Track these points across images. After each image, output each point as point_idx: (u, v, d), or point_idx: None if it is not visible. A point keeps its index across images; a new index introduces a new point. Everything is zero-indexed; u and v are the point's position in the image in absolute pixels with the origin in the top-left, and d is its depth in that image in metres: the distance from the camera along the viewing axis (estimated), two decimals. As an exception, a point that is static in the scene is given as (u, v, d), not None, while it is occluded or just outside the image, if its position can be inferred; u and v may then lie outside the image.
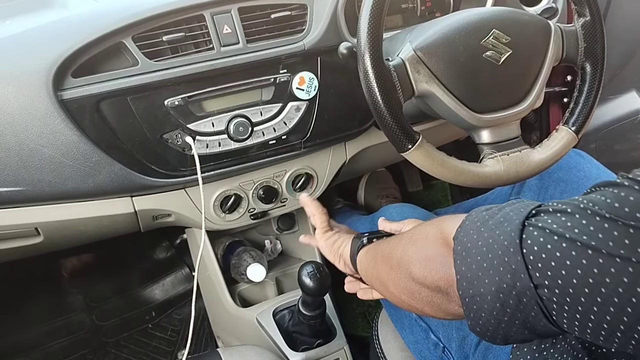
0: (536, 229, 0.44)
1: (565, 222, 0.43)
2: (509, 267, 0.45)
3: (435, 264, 0.55)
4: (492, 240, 0.47)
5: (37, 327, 1.41)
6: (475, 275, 0.48)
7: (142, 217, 0.96)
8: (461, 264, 0.49)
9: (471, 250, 0.49)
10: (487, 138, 0.81)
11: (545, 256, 0.43)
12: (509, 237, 0.46)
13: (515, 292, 0.45)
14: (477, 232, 0.50)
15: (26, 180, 0.82)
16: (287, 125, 0.93)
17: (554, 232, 0.43)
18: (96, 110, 0.81)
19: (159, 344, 1.42)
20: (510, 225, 0.47)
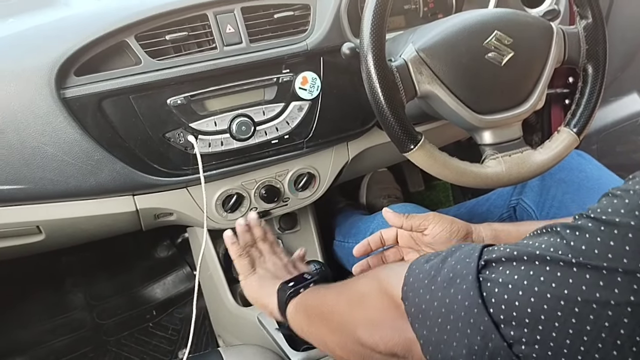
0: (496, 285, 0.42)
1: (525, 272, 0.41)
2: (476, 328, 0.43)
3: (386, 329, 0.52)
4: (449, 301, 0.45)
5: (38, 325, 1.41)
6: (441, 339, 0.45)
7: (144, 216, 0.97)
8: (421, 328, 0.47)
9: (428, 312, 0.46)
10: (489, 139, 0.81)
11: (516, 314, 0.40)
12: (468, 297, 0.43)
13: (488, 353, 0.42)
14: (427, 291, 0.47)
15: (28, 178, 0.82)
16: (289, 125, 0.93)
17: (517, 287, 0.41)
18: (98, 108, 0.81)
19: (160, 343, 1.42)
20: (464, 282, 0.44)
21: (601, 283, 0.37)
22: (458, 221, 0.75)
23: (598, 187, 0.89)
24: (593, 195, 0.88)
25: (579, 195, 0.90)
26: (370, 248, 0.79)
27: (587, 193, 0.89)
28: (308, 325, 0.66)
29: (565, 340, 0.39)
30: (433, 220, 0.74)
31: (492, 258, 0.44)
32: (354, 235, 1.13)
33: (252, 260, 0.86)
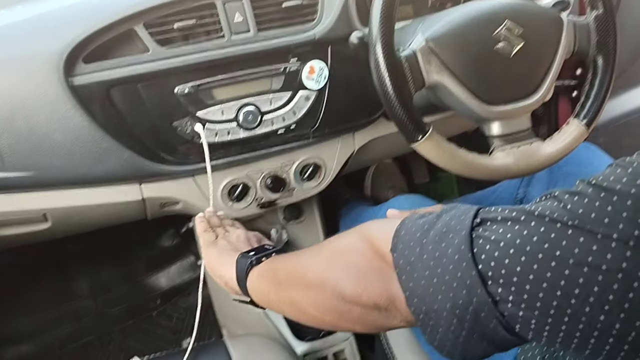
0: (488, 242, 0.42)
1: (519, 231, 0.41)
2: (462, 282, 0.42)
3: (370, 279, 0.50)
4: (439, 254, 0.44)
5: (42, 313, 1.42)
6: (426, 292, 0.45)
7: (150, 205, 0.97)
8: (407, 280, 0.46)
9: (416, 264, 0.46)
10: (498, 130, 0.81)
11: (505, 272, 0.40)
12: (459, 251, 0.43)
13: (472, 308, 0.42)
14: (418, 243, 0.46)
15: (35, 165, 0.82)
16: (296, 115, 0.93)
17: (509, 245, 0.40)
18: (107, 96, 0.81)
19: (164, 332, 1.43)
20: (457, 237, 0.44)
21: (594, 247, 0.37)
22: None
23: (605, 180, 0.89)
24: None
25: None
26: None
27: (594, 186, 0.89)
28: (276, 290, 0.62)
29: (552, 302, 0.39)
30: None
31: (488, 217, 0.44)
32: (359, 227, 1.13)
33: (216, 235, 0.84)
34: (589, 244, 0.37)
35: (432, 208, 0.76)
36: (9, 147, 0.80)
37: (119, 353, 1.39)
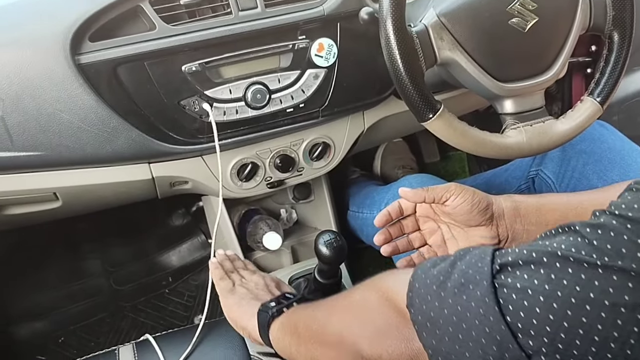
0: (513, 291, 0.39)
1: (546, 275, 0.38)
2: (492, 338, 0.40)
3: (390, 339, 0.49)
4: (461, 308, 0.42)
5: (55, 291, 1.44)
6: (452, 349, 0.42)
7: (160, 184, 0.97)
8: (429, 337, 0.44)
9: (437, 320, 0.43)
10: (510, 108, 0.80)
11: (536, 322, 0.38)
12: (483, 304, 0.40)
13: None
14: (435, 297, 0.44)
15: (45, 145, 0.82)
16: (305, 93, 0.92)
17: (537, 292, 0.38)
18: (114, 75, 0.80)
19: (176, 309, 1.44)
20: (478, 288, 0.41)
21: (630, 285, 0.35)
22: (479, 192, 0.73)
23: (620, 159, 0.88)
24: (615, 167, 0.86)
25: (600, 167, 0.88)
26: (391, 218, 0.78)
27: (608, 165, 0.87)
28: (297, 345, 0.62)
29: (591, 348, 0.36)
30: (455, 191, 0.73)
31: (508, 261, 0.41)
32: (369, 206, 1.12)
33: (233, 282, 0.84)
34: (623, 282, 0.35)
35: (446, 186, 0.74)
36: (17, 126, 0.79)
37: (132, 330, 1.41)
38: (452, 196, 0.73)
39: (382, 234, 0.78)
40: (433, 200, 0.74)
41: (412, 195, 0.75)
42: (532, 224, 0.73)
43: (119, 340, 1.39)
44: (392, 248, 0.78)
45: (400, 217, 0.80)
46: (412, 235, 0.80)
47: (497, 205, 0.73)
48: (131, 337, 1.39)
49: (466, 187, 0.73)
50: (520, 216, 0.73)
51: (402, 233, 0.80)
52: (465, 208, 0.72)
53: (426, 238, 0.79)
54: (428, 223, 0.79)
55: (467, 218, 0.73)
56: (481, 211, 0.72)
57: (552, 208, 0.73)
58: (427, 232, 0.79)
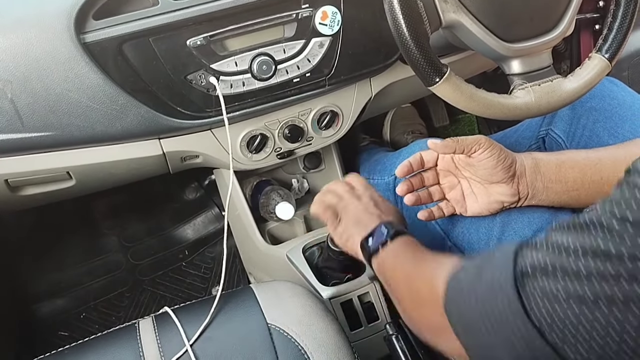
0: (537, 298, 0.42)
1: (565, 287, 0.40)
2: (521, 337, 0.43)
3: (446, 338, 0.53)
4: (491, 314, 0.45)
5: (74, 268, 1.47)
6: (487, 347, 0.46)
7: (171, 159, 0.98)
8: (466, 337, 0.48)
9: (471, 325, 0.47)
10: (518, 68, 0.79)
11: (559, 321, 0.40)
12: (510, 311, 0.43)
13: (535, 356, 0.43)
14: (467, 306, 0.48)
15: (55, 125, 0.83)
16: (310, 63, 0.91)
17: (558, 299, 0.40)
18: (119, 52, 0.81)
19: (193, 281, 1.47)
20: (504, 296, 0.44)
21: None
22: (506, 150, 0.74)
23: (631, 114, 0.87)
24: (625, 123, 0.86)
25: (611, 124, 0.87)
26: (412, 169, 0.79)
27: (619, 121, 0.87)
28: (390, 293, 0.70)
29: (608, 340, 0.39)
30: (485, 144, 0.73)
31: (528, 269, 0.43)
32: (380, 172, 1.12)
33: (334, 209, 0.84)
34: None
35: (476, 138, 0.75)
36: (27, 107, 0.80)
37: (151, 303, 1.44)
38: (480, 149, 0.73)
39: (404, 184, 0.79)
40: (462, 151, 0.75)
41: (442, 147, 0.76)
42: (552, 182, 0.74)
43: (139, 313, 1.42)
44: (415, 198, 0.79)
45: (421, 169, 0.80)
46: (432, 188, 0.81)
47: (519, 163, 0.74)
48: (151, 310, 1.42)
49: (495, 143, 0.74)
50: (541, 173, 0.73)
51: (423, 185, 0.81)
52: (491, 163, 0.73)
53: (445, 192, 0.81)
54: (448, 177, 0.80)
55: (490, 174, 0.73)
56: (505, 168, 0.73)
57: (571, 165, 0.73)
58: (446, 187, 0.80)
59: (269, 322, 0.80)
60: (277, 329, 0.79)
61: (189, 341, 0.78)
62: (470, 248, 0.80)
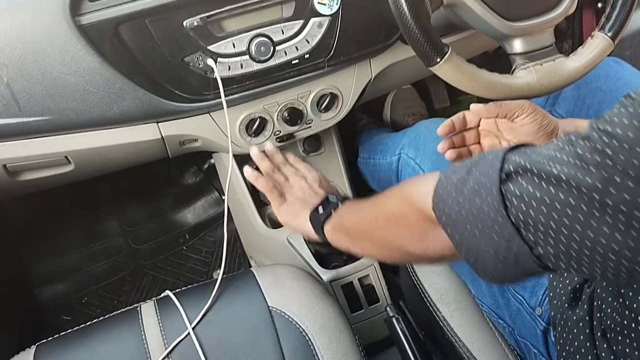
0: (516, 198, 0.44)
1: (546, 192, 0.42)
2: (502, 234, 0.46)
3: (429, 239, 0.56)
4: (476, 211, 0.47)
5: (75, 253, 1.47)
6: (471, 242, 0.49)
7: (169, 143, 0.97)
8: (453, 233, 0.50)
9: (457, 221, 0.49)
10: (520, 47, 0.78)
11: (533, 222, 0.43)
12: (493, 209, 0.46)
13: (513, 253, 0.46)
14: (455, 202, 0.50)
15: (52, 109, 0.82)
16: (309, 44, 0.90)
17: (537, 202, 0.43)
18: (115, 34, 0.80)
19: (195, 265, 1.47)
20: (488, 195, 0.46)
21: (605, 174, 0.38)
22: (549, 115, 0.75)
23: (638, 95, 0.86)
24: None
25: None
26: (454, 128, 0.80)
27: (625, 101, 0.86)
28: (352, 243, 0.71)
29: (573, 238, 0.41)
30: (528, 109, 0.74)
31: (515, 169, 0.45)
32: (381, 152, 1.12)
33: (280, 187, 0.88)
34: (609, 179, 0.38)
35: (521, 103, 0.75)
36: (23, 92, 0.79)
37: (153, 287, 1.44)
38: (524, 114, 0.74)
39: (446, 141, 0.81)
40: (505, 115, 0.76)
41: (485, 110, 0.78)
42: None
43: (140, 297, 1.43)
44: (457, 154, 0.80)
45: (463, 129, 0.81)
46: (473, 146, 0.82)
47: (561, 129, 0.75)
48: (152, 294, 1.43)
49: (539, 108, 0.74)
50: None
51: (464, 144, 0.82)
52: (533, 128, 0.74)
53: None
54: (489, 137, 0.81)
55: (532, 139, 0.75)
56: (547, 133, 0.74)
57: None
58: (487, 147, 0.81)
59: (270, 305, 0.80)
60: (278, 312, 0.79)
61: (190, 324, 0.78)
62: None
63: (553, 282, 0.68)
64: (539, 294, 0.70)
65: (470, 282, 0.83)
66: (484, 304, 0.81)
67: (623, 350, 0.54)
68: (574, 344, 0.62)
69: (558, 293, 0.66)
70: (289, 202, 0.85)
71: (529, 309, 0.71)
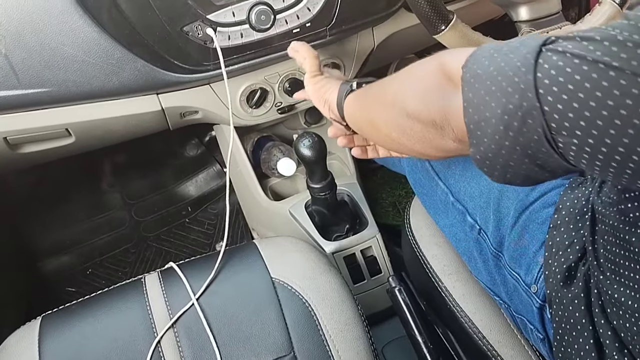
0: (555, 53, 0.41)
1: (588, 46, 0.39)
2: (517, 86, 0.42)
3: (432, 97, 0.52)
4: (504, 64, 0.44)
5: (79, 225, 1.48)
6: (483, 100, 0.45)
7: (170, 115, 0.96)
8: (469, 91, 0.46)
9: (481, 76, 0.46)
10: (526, 15, 0.77)
11: (562, 79, 0.39)
12: (523, 59, 0.42)
13: (521, 113, 0.42)
14: (489, 58, 0.46)
15: (51, 80, 0.81)
16: (311, 12, 0.89)
17: (574, 55, 0.39)
18: (113, 4, 0.78)
19: (197, 237, 1.48)
20: (526, 48, 0.43)
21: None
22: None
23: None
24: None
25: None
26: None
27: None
28: (361, 108, 0.68)
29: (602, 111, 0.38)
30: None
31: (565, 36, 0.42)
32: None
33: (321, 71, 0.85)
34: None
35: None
36: (21, 63, 0.78)
37: (157, 258, 1.45)
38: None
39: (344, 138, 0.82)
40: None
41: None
42: None
43: (144, 269, 1.44)
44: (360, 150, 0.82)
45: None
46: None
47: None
48: (157, 265, 1.44)
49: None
50: None
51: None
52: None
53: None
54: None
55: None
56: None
57: None
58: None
59: (273, 276, 0.80)
60: (281, 283, 0.79)
61: (194, 295, 0.78)
62: (473, 202, 0.80)
63: (548, 260, 0.67)
64: (534, 271, 0.70)
65: (468, 260, 0.83)
66: (481, 280, 0.81)
67: (624, 324, 0.54)
68: (570, 321, 0.62)
69: (553, 271, 0.66)
70: (324, 76, 0.83)
71: (525, 286, 0.71)
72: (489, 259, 0.77)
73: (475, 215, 0.79)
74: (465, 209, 0.81)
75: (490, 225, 0.76)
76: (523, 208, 0.74)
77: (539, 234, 0.71)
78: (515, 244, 0.73)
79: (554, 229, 0.68)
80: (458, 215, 0.82)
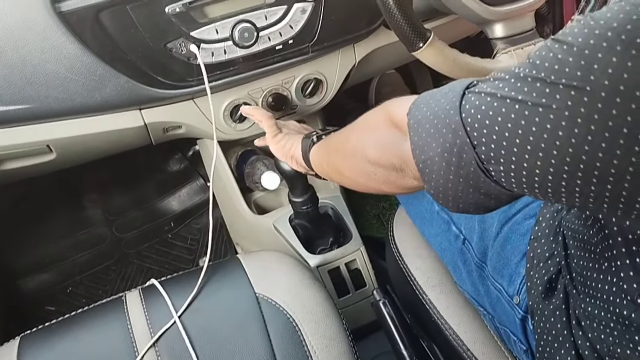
0: (473, 94, 0.46)
1: (498, 84, 0.44)
2: (449, 127, 0.47)
3: (387, 143, 0.58)
4: (438, 108, 0.49)
5: (59, 242, 1.45)
6: (425, 142, 0.50)
7: (153, 130, 0.96)
8: (414, 135, 0.52)
9: (422, 121, 0.51)
10: (501, 32, 0.79)
11: (480, 116, 0.44)
12: (451, 102, 0.48)
13: (456, 149, 0.47)
14: (426, 104, 0.52)
15: (33, 97, 0.81)
16: (293, 29, 0.90)
17: (487, 94, 0.44)
18: (96, 21, 0.78)
19: (180, 253, 1.47)
20: (453, 93, 0.48)
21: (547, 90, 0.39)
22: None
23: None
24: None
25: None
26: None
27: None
28: (327, 158, 0.73)
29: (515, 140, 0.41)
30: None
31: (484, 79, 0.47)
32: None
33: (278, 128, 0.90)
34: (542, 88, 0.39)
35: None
36: (2, 79, 0.78)
37: (138, 275, 1.44)
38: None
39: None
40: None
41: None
42: None
43: (125, 286, 1.42)
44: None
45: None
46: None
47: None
48: (138, 282, 1.42)
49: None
50: None
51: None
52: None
53: None
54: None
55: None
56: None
57: None
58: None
59: (257, 292, 0.80)
60: (265, 299, 0.79)
61: (177, 312, 0.78)
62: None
63: (530, 271, 0.69)
64: (517, 282, 0.71)
65: (452, 269, 0.84)
66: (465, 291, 0.82)
67: (598, 336, 0.55)
68: (552, 333, 0.63)
69: (535, 283, 0.67)
70: (284, 133, 0.88)
71: (508, 297, 0.72)
72: (472, 269, 0.78)
73: (460, 225, 0.80)
74: (450, 219, 0.82)
75: (475, 236, 0.77)
76: (506, 219, 0.75)
77: (520, 245, 0.72)
78: (498, 254, 0.74)
79: (534, 240, 0.69)
80: (443, 224, 0.83)
